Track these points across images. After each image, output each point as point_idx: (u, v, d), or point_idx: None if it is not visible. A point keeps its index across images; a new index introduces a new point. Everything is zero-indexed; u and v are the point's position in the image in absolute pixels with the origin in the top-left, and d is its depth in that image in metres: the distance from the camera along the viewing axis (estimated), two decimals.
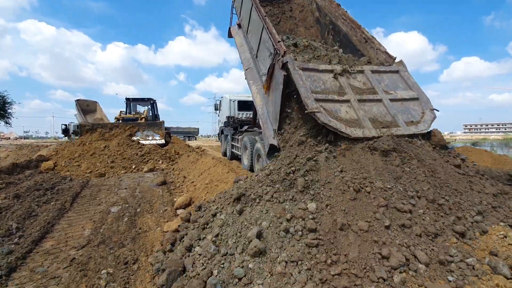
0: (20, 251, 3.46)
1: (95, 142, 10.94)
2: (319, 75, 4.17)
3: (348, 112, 3.84)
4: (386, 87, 4.38)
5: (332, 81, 4.19)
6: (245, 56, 6.73)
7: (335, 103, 3.87)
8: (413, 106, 4.26)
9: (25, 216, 4.56)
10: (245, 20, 6.78)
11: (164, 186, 7.03)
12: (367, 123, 3.70)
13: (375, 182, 2.93)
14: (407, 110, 4.16)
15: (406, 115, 4.07)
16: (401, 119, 3.93)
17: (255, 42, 5.80)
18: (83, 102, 23.16)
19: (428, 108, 4.20)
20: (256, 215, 2.92)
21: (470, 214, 2.85)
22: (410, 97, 4.35)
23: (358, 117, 3.78)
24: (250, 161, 7.47)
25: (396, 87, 4.46)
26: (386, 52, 5.02)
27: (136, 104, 14.81)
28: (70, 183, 7.14)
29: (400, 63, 4.80)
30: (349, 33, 5.89)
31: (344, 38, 6.04)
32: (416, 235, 2.51)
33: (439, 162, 3.50)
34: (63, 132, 28.96)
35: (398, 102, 4.23)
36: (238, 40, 7.45)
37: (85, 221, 4.62)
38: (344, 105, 3.91)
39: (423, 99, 4.33)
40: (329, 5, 6.57)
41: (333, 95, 3.94)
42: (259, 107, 5.58)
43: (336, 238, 2.49)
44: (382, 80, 4.47)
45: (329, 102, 3.82)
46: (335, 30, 6.36)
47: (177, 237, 3.49)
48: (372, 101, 4.10)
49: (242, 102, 12.25)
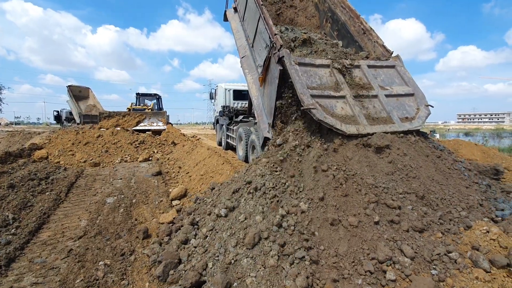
0: (18, 241, 3.51)
1: (89, 131, 10.85)
2: (316, 70, 4.16)
3: (344, 108, 3.86)
4: (382, 82, 4.41)
5: (328, 76, 4.19)
6: (241, 43, 6.53)
7: (331, 99, 3.87)
8: (408, 102, 4.31)
9: (21, 207, 4.58)
10: (241, 6, 6.54)
11: (160, 176, 7.07)
12: (362, 120, 3.74)
13: (366, 179, 3.02)
14: (402, 106, 4.22)
15: (401, 111, 4.13)
16: (396, 115, 3.99)
17: (251, 31, 5.64)
18: (75, 88, 22.71)
19: (423, 104, 4.26)
20: (250, 209, 2.99)
21: (456, 209, 2.97)
22: (406, 93, 4.39)
23: (353, 114, 3.81)
24: (245, 152, 7.53)
25: (392, 82, 4.49)
26: (384, 46, 5.00)
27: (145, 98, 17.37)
28: (64, 172, 7.13)
29: (397, 58, 4.82)
30: (347, 23, 5.77)
31: (342, 27, 5.92)
32: (403, 230, 2.62)
33: (431, 158, 3.60)
34: (55, 119, 28.62)
35: (393, 98, 4.27)
36: (234, 25, 7.22)
37: (81, 211, 4.67)
38: (340, 101, 3.92)
39: (418, 95, 4.38)
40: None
41: (329, 91, 3.95)
42: (254, 98, 5.53)
43: (327, 233, 2.58)
44: (378, 75, 4.49)
45: (325, 98, 3.83)
46: (333, 18, 6.23)
47: (172, 229, 3.57)
48: (368, 97, 4.13)
49: (237, 92, 12.19)
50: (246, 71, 6.01)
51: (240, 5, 6.64)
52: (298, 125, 3.96)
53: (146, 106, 16.39)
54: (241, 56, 6.38)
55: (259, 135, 5.53)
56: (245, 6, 6.17)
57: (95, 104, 22.61)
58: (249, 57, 5.93)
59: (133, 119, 13.22)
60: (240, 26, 6.80)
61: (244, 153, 7.63)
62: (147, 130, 13.16)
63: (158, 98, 17.78)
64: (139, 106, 15.83)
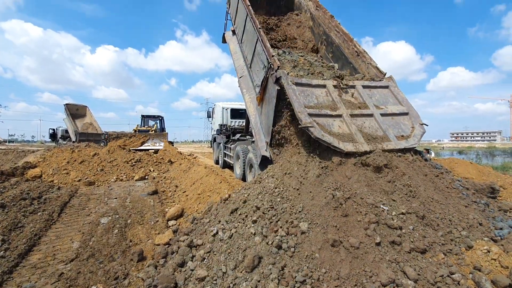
0: (6, 265, 3.37)
1: (84, 149, 10.76)
2: (312, 90, 4.26)
3: (341, 126, 3.93)
4: (377, 102, 4.52)
5: (324, 95, 4.29)
6: (239, 63, 6.73)
7: (328, 118, 3.95)
8: (403, 121, 4.41)
9: (11, 228, 4.43)
10: (239, 28, 6.79)
11: (156, 195, 6.95)
12: (360, 138, 3.79)
13: (366, 198, 3.00)
14: (398, 125, 4.31)
15: (396, 130, 4.21)
16: (392, 133, 4.07)
17: (249, 52, 5.82)
18: (72, 107, 22.80)
19: (418, 123, 4.35)
20: (248, 230, 2.93)
21: (457, 229, 2.94)
22: (400, 112, 4.50)
23: (350, 132, 3.86)
24: (242, 171, 7.49)
25: (387, 101, 4.60)
26: (377, 67, 5.17)
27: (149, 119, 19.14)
28: (58, 192, 6.98)
29: (390, 79, 4.97)
30: (341, 46, 5.99)
31: (336, 50, 6.15)
32: (405, 251, 2.58)
33: (430, 177, 3.61)
34: (50, 137, 28.43)
35: (388, 116, 4.38)
36: (232, 47, 7.47)
37: (73, 233, 4.53)
38: (337, 119, 3.99)
39: (412, 114, 4.48)
40: (323, 15, 6.69)
41: (326, 110, 4.02)
42: (252, 117, 5.62)
43: (328, 254, 2.53)
44: (373, 95, 4.61)
45: (322, 117, 3.90)
46: (328, 41, 6.48)
47: (168, 251, 3.46)
48: (364, 115, 4.21)
49: (234, 110, 12.48)
50: (244, 91, 6.15)
51: (239, 28, 6.90)
52: (297, 144, 3.98)
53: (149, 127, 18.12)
54: (239, 76, 6.53)
55: (257, 153, 5.57)
56: (243, 29, 6.38)
57: (91, 122, 22.60)
58: (247, 77, 6.09)
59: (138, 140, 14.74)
60: (238, 48, 7.01)
61: (241, 171, 7.57)
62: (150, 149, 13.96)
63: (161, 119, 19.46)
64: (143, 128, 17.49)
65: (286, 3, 7.99)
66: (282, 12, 7.99)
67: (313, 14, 7.02)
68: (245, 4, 5.99)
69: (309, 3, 7.28)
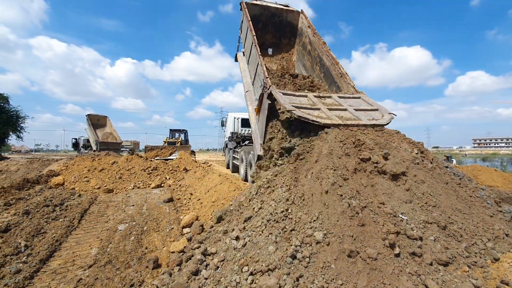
0: (28, 270, 3.49)
1: (104, 158, 11.12)
2: (296, 97, 5.31)
3: (319, 114, 4.81)
4: (351, 105, 5.43)
5: (307, 101, 5.30)
6: (246, 80, 7.98)
7: (309, 110, 4.86)
8: (374, 113, 5.21)
9: (34, 234, 4.61)
10: (247, 52, 8.14)
11: (171, 203, 7.04)
12: (335, 118, 4.63)
13: (384, 208, 2.90)
14: (369, 115, 5.08)
15: (369, 117, 4.97)
16: (364, 118, 4.84)
17: (253, 72, 7.12)
18: (93, 117, 23.79)
19: (387, 113, 5.13)
20: (262, 239, 2.90)
21: (482, 240, 2.79)
22: (371, 109, 5.36)
23: (327, 116, 4.74)
24: (245, 171, 8.41)
25: (359, 105, 5.50)
26: (354, 87, 6.28)
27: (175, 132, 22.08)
28: (78, 199, 7.22)
29: (362, 93, 6.02)
30: (330, 68, 7.12)
31: (327, 71, 7.31)
32: (427, 263, 2.46)
33: (451, 185, 3.46)
34: (73, 146, 29.65)
35: (361, 111, 5.20)
36: (242, 65, 8.78)
37: (92, 239, 4.65)
38: (316, 111, 4.92)
39: (382, 109, 5.30)
40: (318, 41, 7.83)
41: (307, 106, 4.99)
42: (252, 124, 6.85)
43: (345, 265, 2.45)
44: (347, 102, 5.57)
45: (304, 109, 4.79)
46: (321, 63, 7.63)
47: (183, 259, 3.47)
48: (339, 109, 5.12)
49: (244, 120, 13.78)
50: (248, 103, 7.44)
51: (246, 51, 8.29)
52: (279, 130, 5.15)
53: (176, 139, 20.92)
54: (245, 90, 7.79)
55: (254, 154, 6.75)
56: (249, 53, 7.68)
57: (111, 132, 23.39)
58: (251, 92, 7.32)
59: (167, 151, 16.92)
60: (246, 67, 8.28)
61: (244, 171, 8.55)
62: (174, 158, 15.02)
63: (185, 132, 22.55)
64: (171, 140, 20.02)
65: (290, 29, 9.29)
66: (286, 36, 9.42)
67: (311, 39, 8.21)
68: (251, 33, 7.17)
69: (308, 30, 8.44)
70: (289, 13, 9.10)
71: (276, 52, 9.59)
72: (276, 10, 9.06)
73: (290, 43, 9.44)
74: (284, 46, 9.55)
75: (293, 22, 9.17)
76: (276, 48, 9.60)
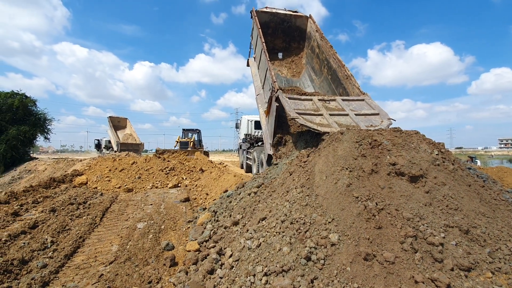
0: (54, 265, 3.67)
1: (124, 158, 11.50)
2: (301, 102, 5.63)
3: (321, 120, 5.12)
4: (353, 108, 5.68)
5: (311, 105, 5.60)
6: (257, 84, 8.47)
7: (312, 116, 5.19)
8: (374, 118, 5.41)
9: (60, 230, 4.85)
10: (257, 57, 8.64)
11: (188, 202, 7.19)
12: (335, 125, 4.92)
13: (402, 210, 2.83)
14: (369, 120, 5.32)
15: (367, 123, 5.19)
16: (363, 124, 5.06)
17: (262, 77, 7.67)
18: (114, 119, 24.68)
19: (386, 118, 5.33)
20: (277, 240, 2.90)
21: (507, 246, 2.65)
22: (372, 113, 5.55)
23: (328, 123, 5.02)
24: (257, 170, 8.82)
25: (362, 108, 5.74)
26: (359, 88, 6.49)
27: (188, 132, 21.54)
28: (100, 198, 7.52)
29: (366, 95, 6.21)
30: (336, 70, 7.44)
31: (333, 73, 7.65)
32: (448, 269, 2.37)
33: (474, 188, 3.31)
34: (95, 147, 30.93)
35: (362, 116, 5.43)
36: (253, 70, 9.34)
37: (113, 236, 4.83)
38: (319, 116, 5.22)
39: (382, 114, 5.50)
40: (325, 44, 8.17)
41: (311, 111, 5.32)
42: (263, 126, 7.33)
43: (361, 268, 2.41)
44: (351, 105, 5.79)
45: (307, 115, 5.14)
46: (328, 66, 7.95)
47: (199, 257, 3.54)
48: (340, 114, 5.39)
49: (258, 122, 14.14)
50: (259, 105, 7.92)
51: (257, 57, 8.83)
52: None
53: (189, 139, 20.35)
54: (256, 94, 8.29)
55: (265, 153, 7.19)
56: (259, 58, 8.16)
57: (131, 133, 24.16)
58: (261, 95, 7.80)
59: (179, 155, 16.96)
60: (257, 72, 8.81)
61: (256, 170, 9.02)
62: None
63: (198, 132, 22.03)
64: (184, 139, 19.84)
65: (299, 34, 9.61)
66: (296, 41, 9.74)
67: (319, 43, 8.54)
68: (261, 40, 7.57)
69: (316, 34, 8.74)
70: (298, 19, 9.45)
71: (286, 56, 9.98)
72: (285, 16, 9.41)
73: (300, 47, 9.81)
74: (293, 50, 9.91)
75: (302, 26, 9.50)
76: (286, 52, 9.99)
